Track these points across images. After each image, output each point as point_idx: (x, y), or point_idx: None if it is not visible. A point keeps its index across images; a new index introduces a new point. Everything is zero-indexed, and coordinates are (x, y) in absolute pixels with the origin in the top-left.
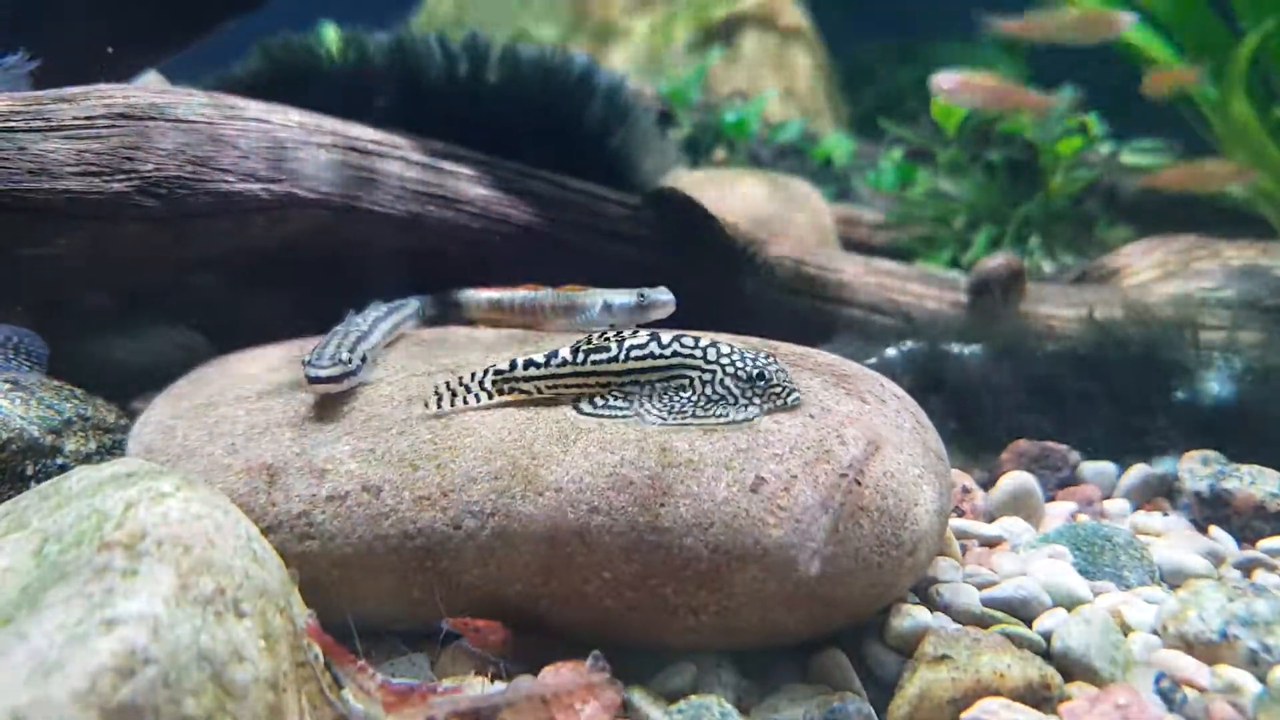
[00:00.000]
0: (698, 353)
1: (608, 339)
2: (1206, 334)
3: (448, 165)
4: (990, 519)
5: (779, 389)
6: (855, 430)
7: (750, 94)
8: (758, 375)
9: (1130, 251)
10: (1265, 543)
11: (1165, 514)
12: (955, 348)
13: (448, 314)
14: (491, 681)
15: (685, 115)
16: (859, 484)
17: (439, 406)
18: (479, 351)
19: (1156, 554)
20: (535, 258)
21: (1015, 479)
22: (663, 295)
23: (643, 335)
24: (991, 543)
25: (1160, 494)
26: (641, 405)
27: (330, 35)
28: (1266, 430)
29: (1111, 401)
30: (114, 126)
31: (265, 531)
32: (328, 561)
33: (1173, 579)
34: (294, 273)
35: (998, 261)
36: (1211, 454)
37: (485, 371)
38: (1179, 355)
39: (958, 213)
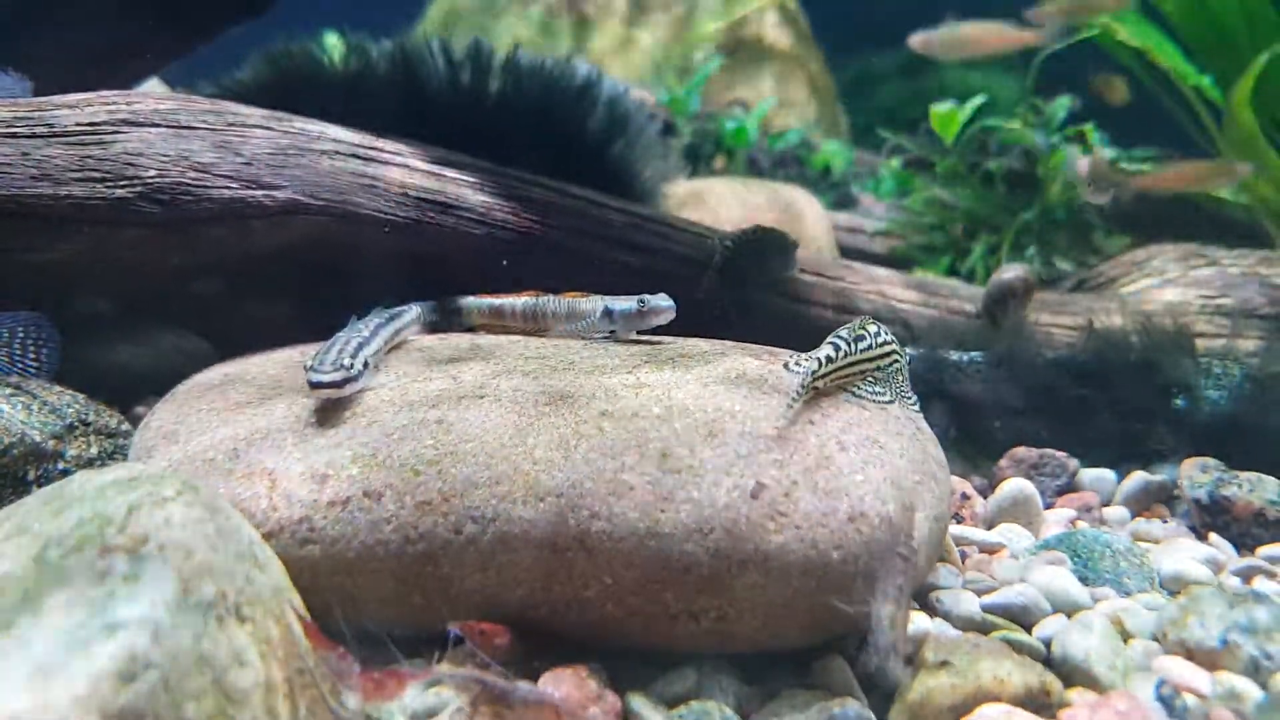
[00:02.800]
0: (894, 339)
1: (861, 329)
2: (1205, 342)
3: (449, 172)
4: (989, 526)
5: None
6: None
7: (750, 103)
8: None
9: (1128, 259)
10: (1265, 550)
11: (1165, 521)
12: (955, 355)
13: (449, 320)
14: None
15: (685, 124)
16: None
17: (790, 413)
18: (479, 359)
19: (1156, 561)
20: (535, 264)
21: (1014, 485)
22: (663, 302)
23: (872, 324)
24: (991, 549)
25: (1160, 501)
26: (890, 390)
27: (332, 42)
28: (1265, 437)
29: (1111, 409)
30: (117, 133)
31: (266, 536)
32: (329, 566)
33: (1172, 586)
34: (296, 278)
35: (1014, 274)
36: (1211, 461)
37: (807, 376)
38: (1178, 363)
39: (956, 221)
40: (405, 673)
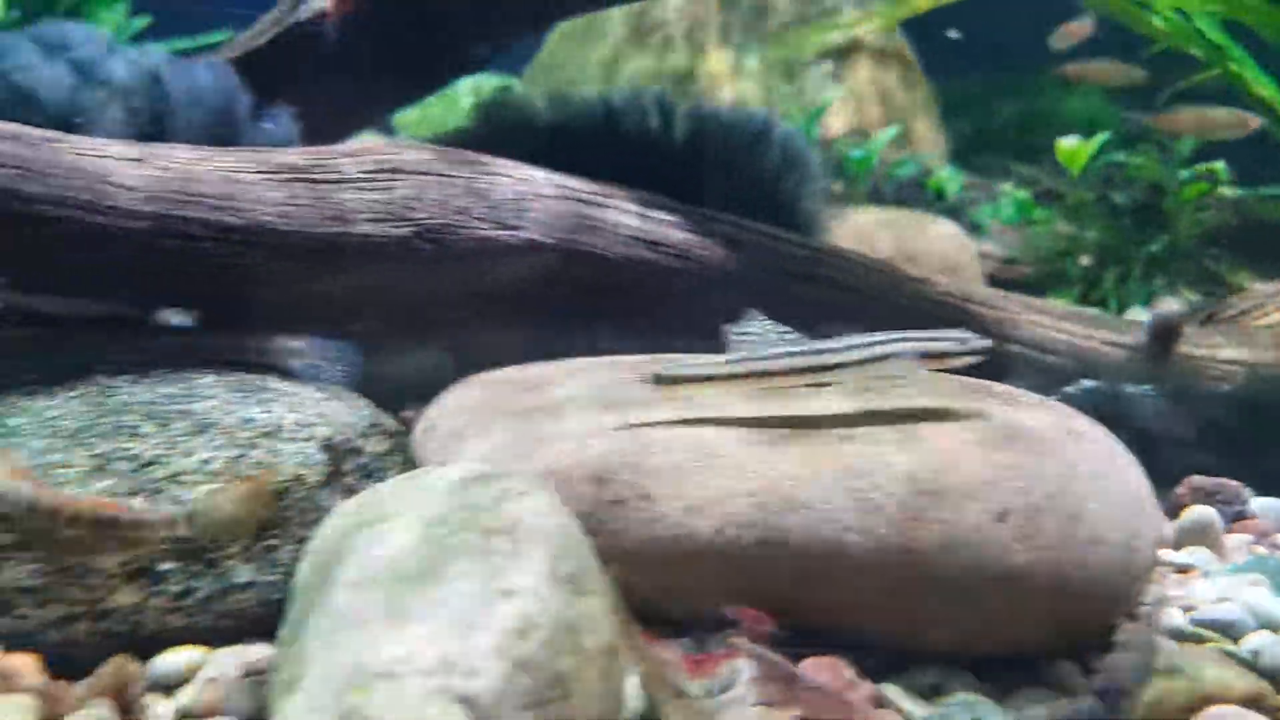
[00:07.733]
0: None
1: None
2: None
3: (653, 213)
4: (1175, 548)
5: None
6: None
7: (863, 129)
8: None
9: (1261, 292)
10: None
11: None
12: (1129, 387)
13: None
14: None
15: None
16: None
17: None
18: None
19: None
20: (724, 296)
21: (1199, 511)
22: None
23: None
24: (1183, 569)
25: None
26: None
27: (469, 89)
28: None
29: (1275, 441)
30: (394, 180)
31: None
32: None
33: None
34: (526, 307)
35: (1175, 309)
36: None
37: None
38: None
39: (1085, 250)
40: (719, 654)
